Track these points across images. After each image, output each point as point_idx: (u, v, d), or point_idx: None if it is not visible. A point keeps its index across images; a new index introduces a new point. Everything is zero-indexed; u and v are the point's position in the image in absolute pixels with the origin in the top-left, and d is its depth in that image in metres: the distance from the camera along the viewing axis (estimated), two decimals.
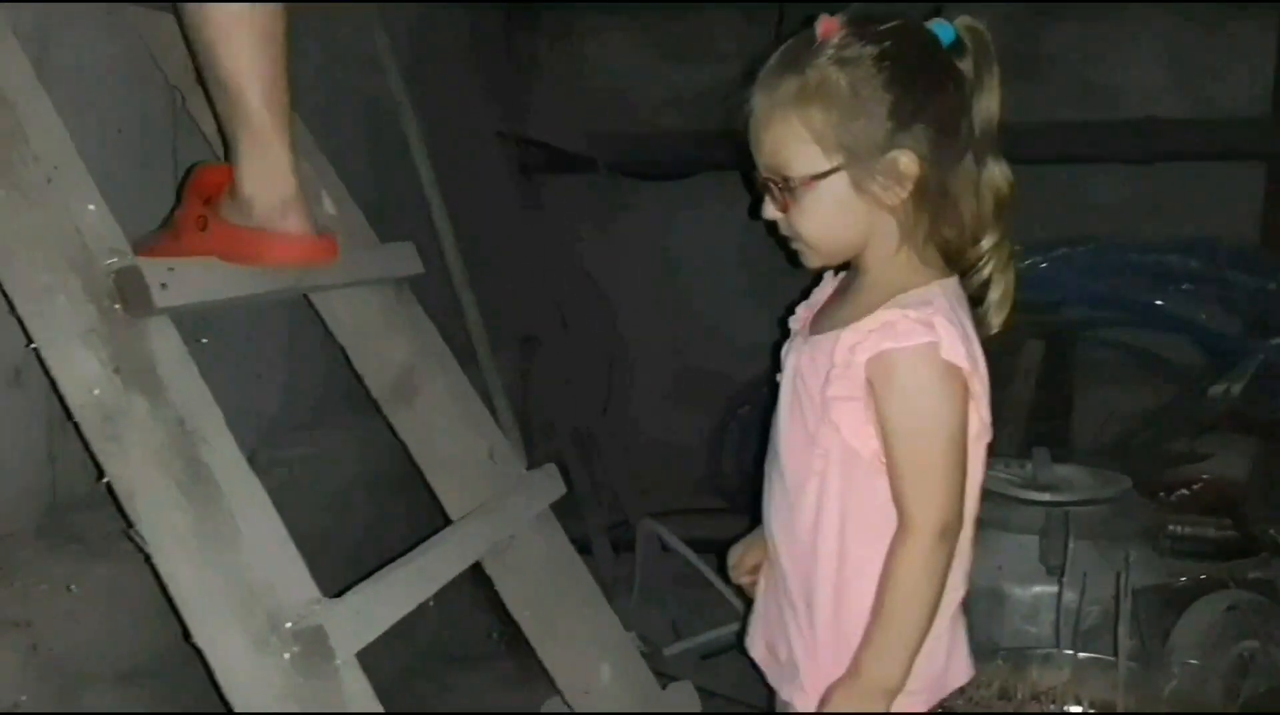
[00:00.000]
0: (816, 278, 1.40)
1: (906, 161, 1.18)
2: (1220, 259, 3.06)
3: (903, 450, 1.19)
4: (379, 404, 1.78)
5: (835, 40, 1.19)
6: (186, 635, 1.24)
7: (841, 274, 1.36)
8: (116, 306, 1.20)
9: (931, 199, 1.20)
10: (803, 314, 1.37)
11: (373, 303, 1.74)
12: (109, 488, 1.25)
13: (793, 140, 1.19)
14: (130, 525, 1.24)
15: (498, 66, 3.26)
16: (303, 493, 2.10)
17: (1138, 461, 2.54)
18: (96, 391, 1.21)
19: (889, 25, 1.20)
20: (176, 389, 1.22)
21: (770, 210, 1.26)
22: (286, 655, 1.19)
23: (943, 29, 1.23)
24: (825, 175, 1.19)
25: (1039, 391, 2.73)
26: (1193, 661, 1.92)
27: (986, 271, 1.26)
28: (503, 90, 3.27)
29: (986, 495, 2.10)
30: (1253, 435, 2.66)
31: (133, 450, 1.21)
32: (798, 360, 1.29)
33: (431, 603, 1.44)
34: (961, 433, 1.20)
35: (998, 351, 2.88)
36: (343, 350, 1.79)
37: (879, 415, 1.19)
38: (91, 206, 1.23)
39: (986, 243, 1.24)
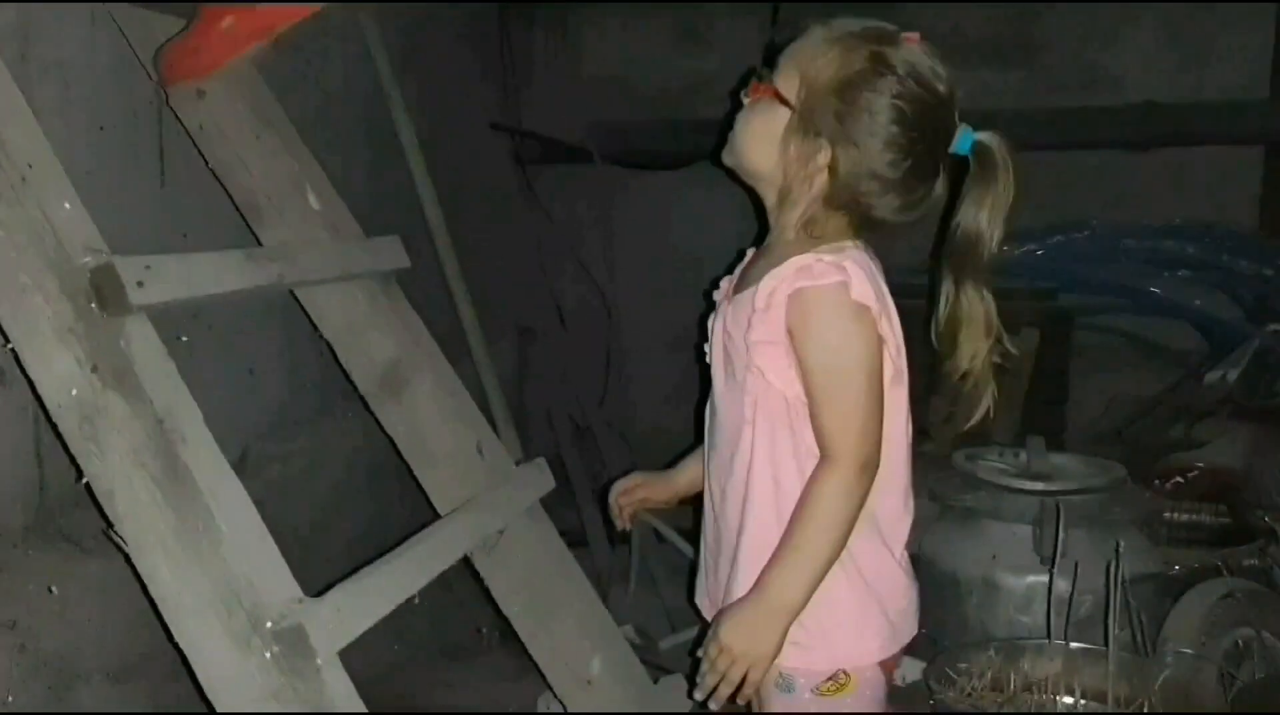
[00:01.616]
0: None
1: (823, 157, 1.29)
2: (1218, 244, 3.04)
3: (821, 385, 1.25)
4: (366, 399, 1.77)
5: (900, 50, 1.30)
6: (170, 635, 1.24)
7: (754, 250, 1.45)
8: (93, 305, 1.20)
9: (834, 206, 1.30)
10: (725, 286, 1.45)
11: (359, 298, 1.73)
12: (89, 487, 1.25)
13: (795, 59, 1.31)
14: (110, 525, 1.23)
15: (492, 59, 3.25)
16: (298, 489, 2.10)
17: (1133, 449, 2.53)
18: (74, 391, 1.20)
19: (939, 87, 1.29)
20: (155, 388, 1.21)
21: (742, 94, 1.36)
22: (267, 655, 1.18)
23: (965, 137, 1.31)
24: (780, 100, 1.30)
25: (1034, 379, 2.72)
26: (1188, 650, 1.91)
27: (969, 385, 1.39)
28: (498, 82, 3.25)
29: (979, 485, 2.13)
30: (1249, 422, 2.64)
31: (111, 450, 1.21)
32: (723, 322, 1.37)
33: (417, 599, 1.43)
34: (877, 369, 1.26)
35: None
36: (329, 346, 1.78)
37: (798, 354, 1.26)
38: (67, 204, 1.23)
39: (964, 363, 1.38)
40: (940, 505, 2.19)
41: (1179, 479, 2.45)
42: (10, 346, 1.23)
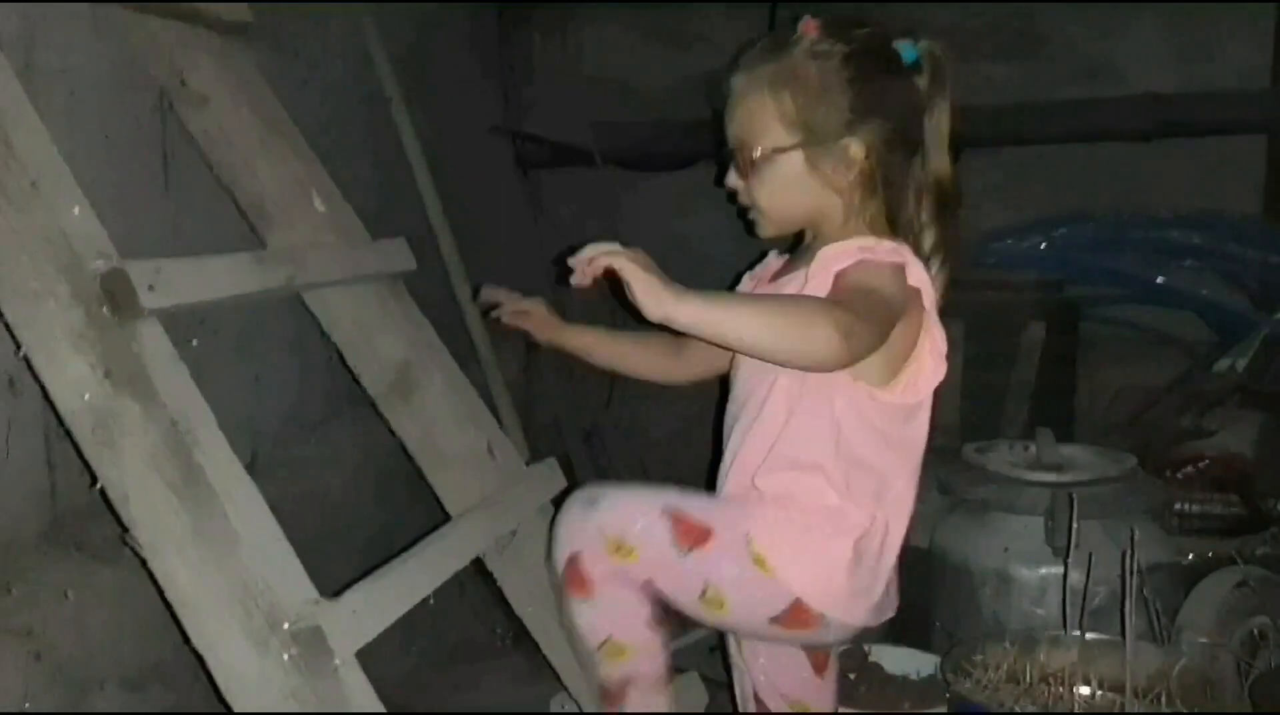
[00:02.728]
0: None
1: (855, 149, 1.36)
2: (1223, 233, 3.04)
3: (849, 290, 1.27)
4: (376, 402, 1.77)
5: (813, 36, 1.37)
6: (186, 639, 1.24)
7: (786, 256, 1.52)
8: (104, 310, 1.20)
9: (875, 187, 1.37)
10: (749, 282, 1.53)
11: (367, 300, 1.73)
12: (103, 493, 1.25)
13: (762, 116, 1.37)
14: (125, 530, 1.23)
15: (493, 61, 3.25)
16: (307, 493, 2.10)
17: (1143, 439, 2.53)
18: (87, 396, 1.20)
19: (861, 31, 1.39)
20: (168, 391, 1.21)
21: (732, 178, 1.43)
22: (286, 656, 1.18)
23: (906, 49, 1.39)
24: (785, 150, 1.37)
25: (1042, 371, 2.71)
26: (1202, 639, 1.90)
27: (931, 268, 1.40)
28: (498, 85, 3.26)
29: (990, 477, 2.13)
30: (1259, 410, 2.64)
31: (125, 454, 1.21)
32: None
33: (432, 600, 1.43)
34: (901, 310, 1.30)
35: (1000, 331, 2.87)
36: (337, 349, 1.79)
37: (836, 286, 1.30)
38: (77, 210, 1.23)
39: (928, 241, 1.40)
40: (951, 499, 2.19)
41: (1190, 468, 2.45)
42: (22, 353, 1.23)
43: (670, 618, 1.45)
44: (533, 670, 2.05)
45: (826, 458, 1.36)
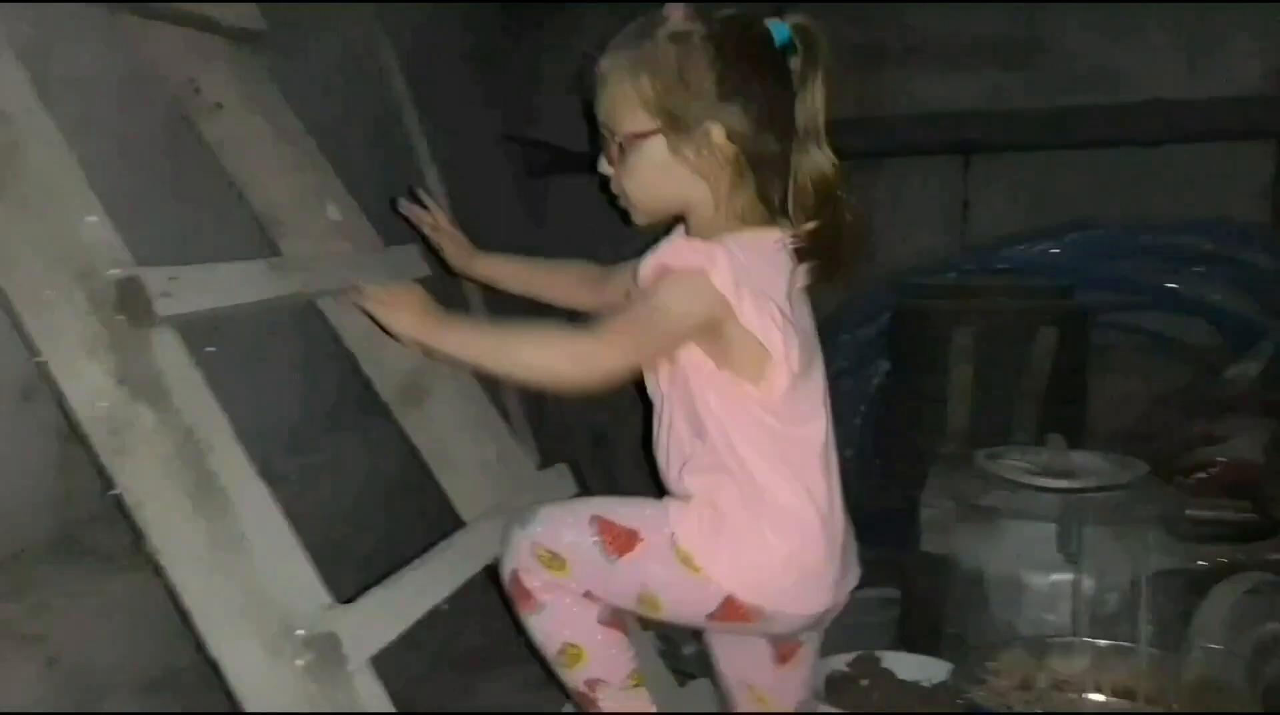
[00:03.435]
0: None
1: (717, 134, 1.34)
2: (1233, 239, 3.03)
3: (634, 306, 1.35)
4: (389, 408, 1.78)
5: (675, 19, 1.36)
6: (200, 645, 1.24)
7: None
8: (120, 317, 1.20)
9: (744, 173, 1.36)
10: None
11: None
12: (118, 499, 1.25)
13: (624, 101, 1.37)
14: (140, 537, 1.24)
15: (502, 69, 3.26)
16: (316, 501, 2.10)
17: (1154, 446, 2.52)
18: (103, 403, 1.21)
19: (725, 14, 1.36)
20: (183, 398, 1.22)
21: (603, 164, 1.44)
22: (300, 662, 1.18)
23: (778, 27, 1.36)
24: (646, 136, 1.36)
25: (1053, 377, 2.71)
26: (1214, 646, 1.90)
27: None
28: (508, 93, 3.26)
29: (1001, 484, 2.13)
30: (1270, 417, 2.63)
31: (141, 461, 1.21)
32: None
33: (446, 606, 1.43)
34: (681, 328, 1.33)
35: (1010, 338, 2.87)
36: (351, 356, 1.79)
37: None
38: (92, 218, 1.23)
39: (808, 229, 1.37)
40: (962, 505, 2.18)
41: (1202, 474, 2.44)
42: (38, 360, 1.23)
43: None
44: (544, 677, 2.04)
45: (728, 455, 1.37)
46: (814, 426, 1.41)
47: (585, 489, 2.20)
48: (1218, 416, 2.63)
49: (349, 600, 1.26)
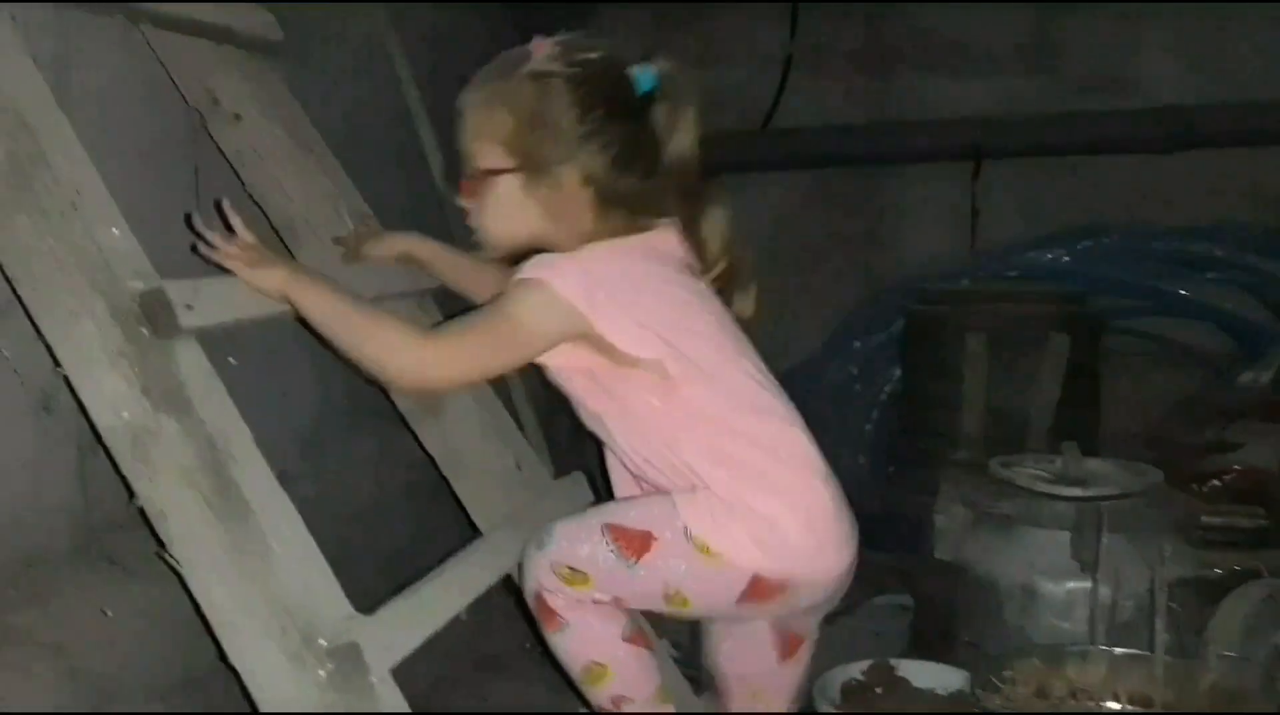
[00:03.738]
0: None
1: (570, 177, 1.35)
2: (1245, 245, 3.03)
3: (482, 314, 1.36)
4: (405, 417, 1.78)
5: (539, 57, 1.37)
6: (222, 655, 1.24)
7: None
8: (143, 329, 1.21)
9: (602, 212, 1.37)
10: None
11: (397, 316, 1.74)
12: (140, 509, 1.26)
13: (481, 137, 1.39)
14: (162, 546, 1.24)
15: None
16: (330, 509, 2.10)
17: (1168, 453, 2.52)
18: (125, 414, 1.21)
19: (590, 56, 1.37)
20: (205, 409, 1.22)
21: (461, 197, 1.44)
22: (322, 672, 1.19)
23: (642, 75, 1.38)
24: (500, 173, 1.37)
25: (1066, 385, 2.71)
26: (1230, 653, 1.89)
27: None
28: None
29: (1015, 491, 2.12)
30: None
31: (163, 471, 1.21)
32: None
33: (464, 615, 1.44)
34: (524, 337, 1.34)
35: (1022, 345, 2.87)
36: None
37: None
38: (115, 230, 1.24)
39: (713, 271, 1.43)
40: (976, 513, 2.18)
41: (1215, 482, 2.44)
42: (61, 370, 1.24)
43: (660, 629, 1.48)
44: (560, 684, 2.05)
45: (677, 448, 1.39)
46: (765, 398, 1.42)
47: (600, 498, 2.21)
48: (1231, 423, 2.62)
49: (370, 609, 1.27)
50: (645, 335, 1.35)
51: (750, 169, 3.48)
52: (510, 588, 1.76)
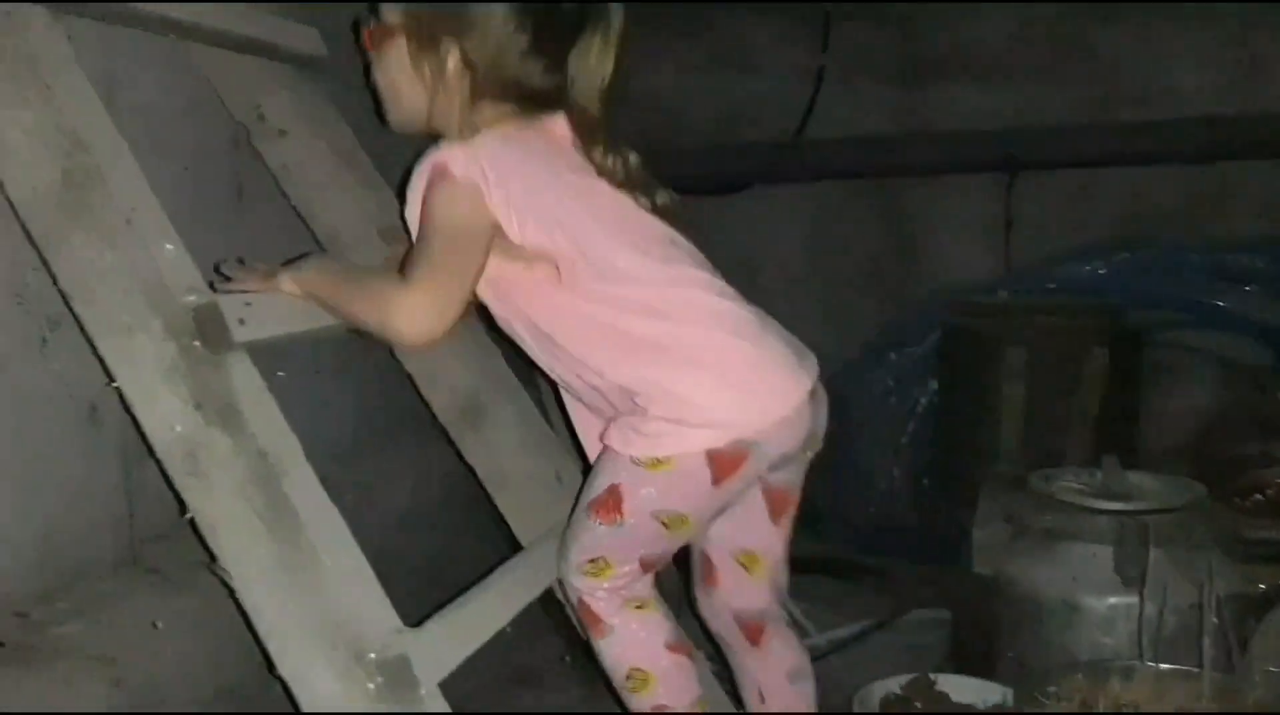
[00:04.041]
0: None
1: (452, 60, 1.39)
2: None
3: (421, 241, 1.37)
4: (446, 429, 1.79)
5: None
6: (270, 667, 1.25)
7: None
8: (196, 343, 1.22)
9: (480, 97, 1.40)
10: None
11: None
12: (191, 522, 1.26)
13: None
14: (213, 559, 1.25)
15: None
16: (366, 519, 2.11)
17: (1209, 466, 2.50)
18: (178, 428, 1.22)
19: None
20: (257, 422, 1.23)
21: (363, 45, 1.47)
22: (371, 686, 1.19)
23: None
24: (392, 34, 1.41)
25: (1105, 398, 2.69)
26: (1275, 669, 1.87)
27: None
28: None
29: (1056, 506, 2.11)
30: None
31: (215, 485, 1.22)
32: None
33: (508, 628, 1.44)
34: (464, 237, 1.35)
35: (1061, 359, 2.85)
36: (409, 377, 1.80)
37: None
38: (169, 245, 1.25)
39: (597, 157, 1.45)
40: (1015, 527, 2.17)
41: (1258, 496, 2.42)
42: (114, 384, 1.25)
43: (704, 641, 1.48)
44: (595, 695, 2.05)
45: (588, 347, 1.42)
46: (654, 268, 1.42)
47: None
48: (1273, 437, 2.60)
49: (418, 622, 1.27)
50: (526, 216, 1.37)
51: (783, 180, 3.48)
52: (550, 601, 1.77)
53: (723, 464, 1.38)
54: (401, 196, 1.44)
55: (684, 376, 1.38)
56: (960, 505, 2.30)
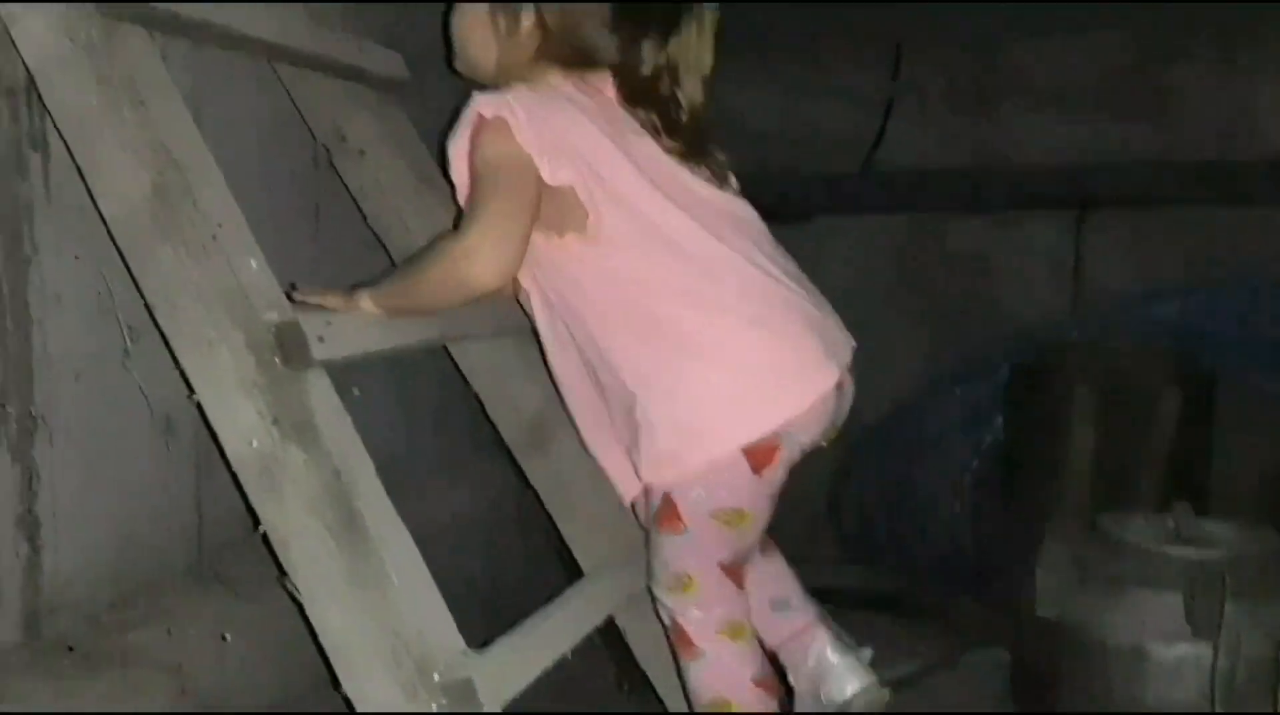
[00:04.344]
0: None
1: (527, 21, 1.44)
2: None
3: (473, 189, 1.40)
4: (513, 451, 1.79)
5: None
6: (335, 683, 1.26)
7: None
8: (276, 359, 1.23)
9: (541, 60, 1.45)
10: None
11: (509, 350, 1.76)
12: (263, 536, 1.28)
13: None
14: (283, 574, 1.26)
15: None
16: (427, 536, 2.12)
17: None
18: (255, 443, 1.24)
19: None
20: (332, 439, 1.24)
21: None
22: (434, 706, 1.19)
23: None
24: None
25: (1177, 441, 2.63)
26: None
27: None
28: None
29: (1127, 550, 2.07)
30: None
31: (289, 500, 1.23)
32: None
33: (570, 654, 1.44)
34: (508, 173, 1.37)
35: (1133, 400, 2.80)
36: (477, 397, 1.81)
37: None
38: (253, 262, 1.27)
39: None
40: (1082, 571, 2.13)
41: None
42: (194, 397, 1.27)
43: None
44: None
45: (606, 328, 1.44)
46: (688, 236, 1.42)
47: None
48: None
49: (484, 645, 1.27)
50: (561, 159, 1.38)
51: (849, 211, 3.46)
52: (609, 629, 1.76)
53: (759, 455, 1.39)
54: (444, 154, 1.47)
55: (703, 375, 1.40)
56: (1024, 545, 2.26)
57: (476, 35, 1.49)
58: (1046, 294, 3.34)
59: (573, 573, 1.75)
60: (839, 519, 3.35)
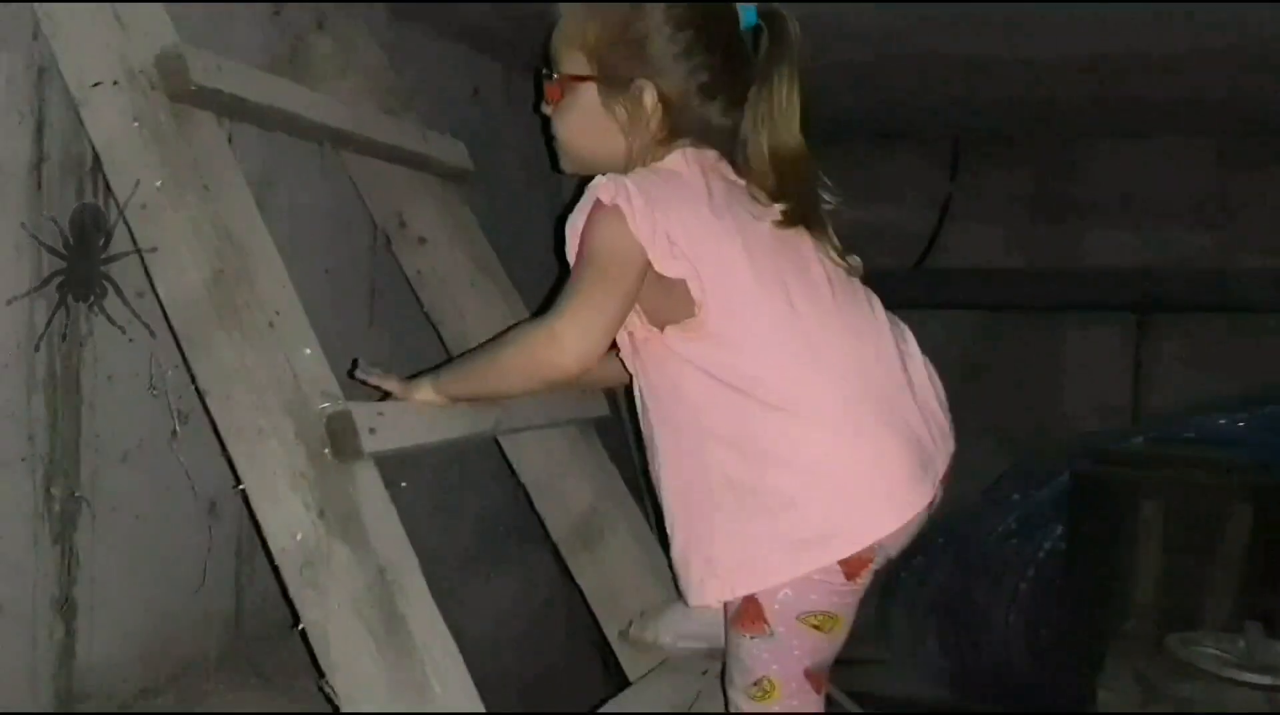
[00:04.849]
0: None
1: (649, 95, 1.35)
2: None
3: (575, 271, 1.33)
4: (560, 548, 1.74)
5: None
6: None
7: None
8: (326, 451, 1.20)
9: (667, 137, 1.37)
10: None
11: (559, 443, 1.72)
12: (302, 633, 1.24)
13: (568, 43, 1.39)
14: (321, 675, 1.22)
15: None
16: (468, 631, 2.07)
17: None
18: (299, 536, 1.20)
19: None
20: (378, 535, 1.20)
21: (544, 104, 1.43)
22: None
23: (747, 11, 1.37)
24: (579, 80, 1.37)
25: (1249, 560, 2.53)
26: None
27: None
28: None
29: (1196, 673, 1.98)
30: None
31: (331, 597, 1.19)
32: None
33: None
34: (613, 263, 1.30)
35: (1202, 514, 2.70)
36: (524, 490, 1.77)
37: None
38: (308, 350, 1.25)
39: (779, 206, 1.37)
40: (1148, 691, 2.04)
41: None
42: (241, 487, 1.24)
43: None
44: None
45: (702, 424, 1.34)
46: (797, 336, 1.34)
47: None
48: None
49: None
50: (675, 249, 1.31)
51: (904, 307, 3.42)
52: None
53: (853, 566, 1.32)
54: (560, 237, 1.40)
55: (800, 486, 1.31)
56: (1084, 661, 2.17)
57: (594, 130, 1.41)
58: (1107, 399, 3.27)
59: (618, 679, 1.69)
60: (888, 623, 3.25)
